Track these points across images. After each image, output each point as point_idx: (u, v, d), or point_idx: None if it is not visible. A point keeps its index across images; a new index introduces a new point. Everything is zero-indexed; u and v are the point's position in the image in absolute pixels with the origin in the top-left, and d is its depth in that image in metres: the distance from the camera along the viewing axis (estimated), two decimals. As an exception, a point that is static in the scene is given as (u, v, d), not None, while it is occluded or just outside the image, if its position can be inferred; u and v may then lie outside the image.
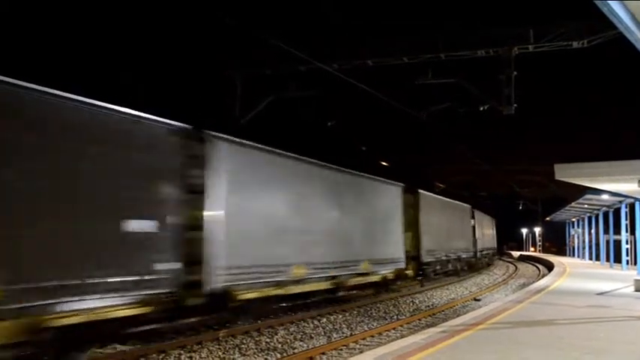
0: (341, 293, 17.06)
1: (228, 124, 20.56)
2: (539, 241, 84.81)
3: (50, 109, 8.43)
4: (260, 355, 10.55)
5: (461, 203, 35.18)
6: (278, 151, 13.87)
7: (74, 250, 8.57)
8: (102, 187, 9.05)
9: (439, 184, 48.02)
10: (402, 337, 11.56)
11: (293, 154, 14.51)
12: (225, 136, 11.85)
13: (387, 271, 20.02)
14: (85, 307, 8.58)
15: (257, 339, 11.79)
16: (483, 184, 52.62)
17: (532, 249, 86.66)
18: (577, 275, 25.94)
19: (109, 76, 19.83)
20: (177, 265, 10.22)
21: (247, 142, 12.67)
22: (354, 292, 18.67)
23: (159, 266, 9.82)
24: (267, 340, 11.80)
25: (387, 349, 8.28)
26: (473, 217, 38.38)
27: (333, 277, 16.09)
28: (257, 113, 21.19)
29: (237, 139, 12.32)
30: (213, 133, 11.51)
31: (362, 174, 18.64)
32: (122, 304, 9.17)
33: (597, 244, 37.87)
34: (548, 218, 58.81)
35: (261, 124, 22.15)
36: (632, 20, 6.93)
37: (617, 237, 31.25)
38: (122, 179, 9.38)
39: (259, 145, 13.08)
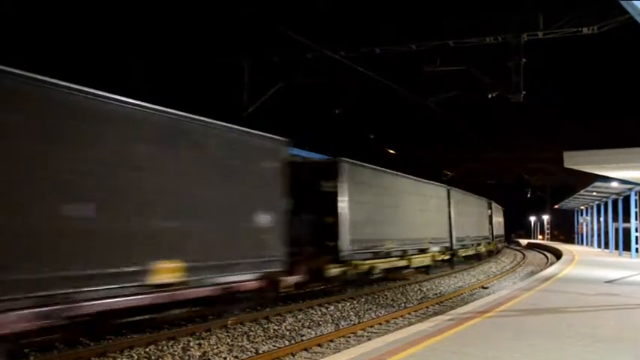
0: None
1: (236, 111, 20.53)
2: (548, 229, 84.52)
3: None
4: (268, 342, 10.62)
5: None
6: (464, 191, 33.07)
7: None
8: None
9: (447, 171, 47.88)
10: (410, 324, 11.61)
11: (462, 191, 32.73)
12: (453, 188, 29.32)
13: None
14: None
15: (265, 326, 11.87)
16: (492, 171, 52.35)
17: (540, 237, 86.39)
18: (585, 263, 25.88)
19: (113, 60, 19.80)
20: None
21: (459, 190, 31.20)
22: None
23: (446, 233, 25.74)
24: (275, 327, 11.87)
25: (394, 336, 8.30)
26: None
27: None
28: (265, 101, 21.13)
29: (458, 190, 30.83)
30: (452, 188, 29.19)
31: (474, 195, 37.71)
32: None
33: (606, 232, 37.72)
34: (556, 206, 58.61)
35: (269, 112, 22.07)
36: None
37: (626, 225, 31.11)
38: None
39: (461, 191, 31.70)
